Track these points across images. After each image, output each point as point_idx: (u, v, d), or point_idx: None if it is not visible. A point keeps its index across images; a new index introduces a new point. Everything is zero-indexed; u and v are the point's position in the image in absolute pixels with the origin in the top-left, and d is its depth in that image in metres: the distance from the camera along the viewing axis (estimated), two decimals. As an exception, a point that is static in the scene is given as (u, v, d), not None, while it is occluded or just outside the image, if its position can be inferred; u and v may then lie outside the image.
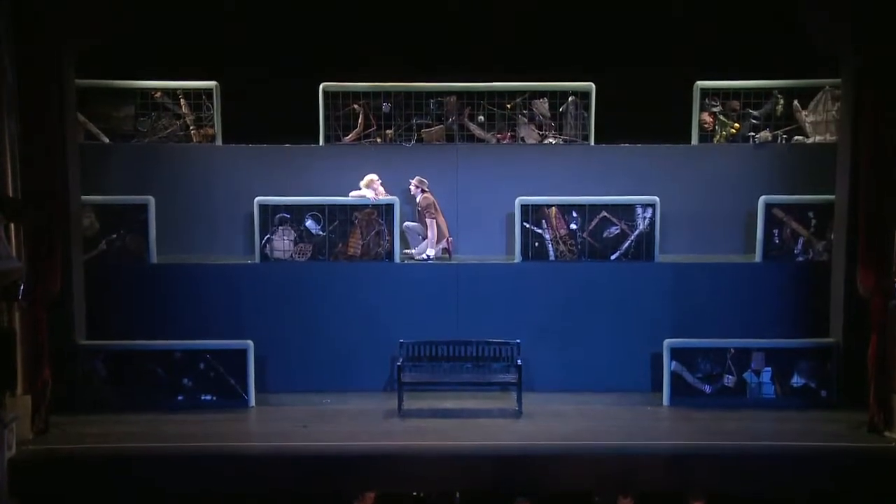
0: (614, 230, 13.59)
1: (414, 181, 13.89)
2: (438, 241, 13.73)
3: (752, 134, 14.62)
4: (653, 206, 13.49)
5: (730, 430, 11.71)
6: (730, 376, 12.69)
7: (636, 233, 13.54)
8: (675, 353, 12.68)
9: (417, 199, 13.88)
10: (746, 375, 12.73)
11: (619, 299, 13.32)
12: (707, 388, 12.74)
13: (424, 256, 13.73)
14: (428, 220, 13.63)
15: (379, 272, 13.49)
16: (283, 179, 14.09)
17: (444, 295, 13.39)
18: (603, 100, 14.50)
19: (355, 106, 14.51)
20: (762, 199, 13.55)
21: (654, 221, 13.42)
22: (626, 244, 13.54)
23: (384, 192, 13.74)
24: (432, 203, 13.65)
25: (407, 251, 13.96)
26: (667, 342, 12.76)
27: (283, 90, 14.41)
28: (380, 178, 13.66)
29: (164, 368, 12.61)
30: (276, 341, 13.13)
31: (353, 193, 13.64)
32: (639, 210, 13.51)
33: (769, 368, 12.73)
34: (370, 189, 13.53)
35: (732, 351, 12.68)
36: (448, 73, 14.31)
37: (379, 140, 14.58)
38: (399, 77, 14.40)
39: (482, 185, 14.24)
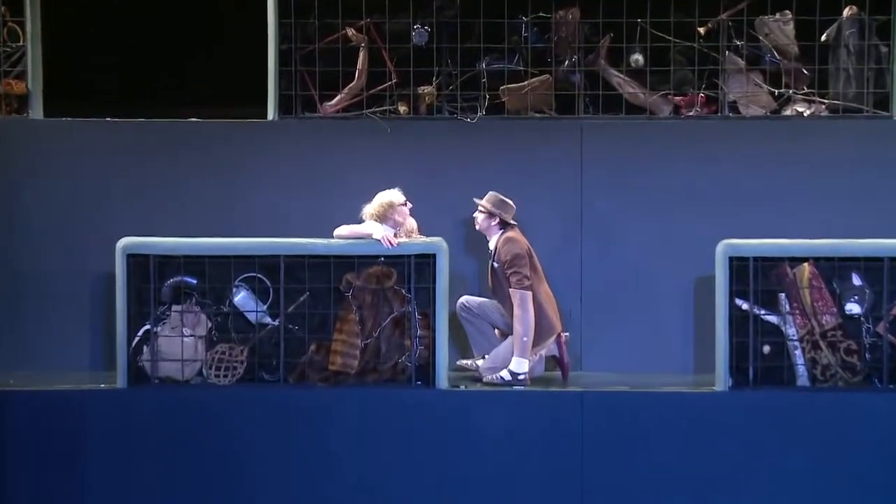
0: (956, 319, 8.97)
1: (483, 203, 9.48)
2: (538, 340, 9.18)
3: None
4: None
5: None
6: None
7: None
8: None
9: (491, 245, 9.48)
10: None
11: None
12: None
13: (505, 375, 9.26)
14: (514, 292, 9.20)
15: (402, 414, 9.09)
16: (185, 198, 10.40)
17: (551, 467, 8.97)
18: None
19: (350, 32, 10.12)
20: None
21: None
22: None
23: (416, 228, 9.47)
24: (524, 252, 9.28)
25: (465, 362, 9.62)
26: None
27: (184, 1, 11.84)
28: (408, 199, 9.47)
29: None
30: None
31: (340, 232, 9.19)
32: None
33: None
34: (388, 222, 9.34)
35: None
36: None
37: (403, 109, 10.32)
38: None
39: (637, 210, 10.19)
